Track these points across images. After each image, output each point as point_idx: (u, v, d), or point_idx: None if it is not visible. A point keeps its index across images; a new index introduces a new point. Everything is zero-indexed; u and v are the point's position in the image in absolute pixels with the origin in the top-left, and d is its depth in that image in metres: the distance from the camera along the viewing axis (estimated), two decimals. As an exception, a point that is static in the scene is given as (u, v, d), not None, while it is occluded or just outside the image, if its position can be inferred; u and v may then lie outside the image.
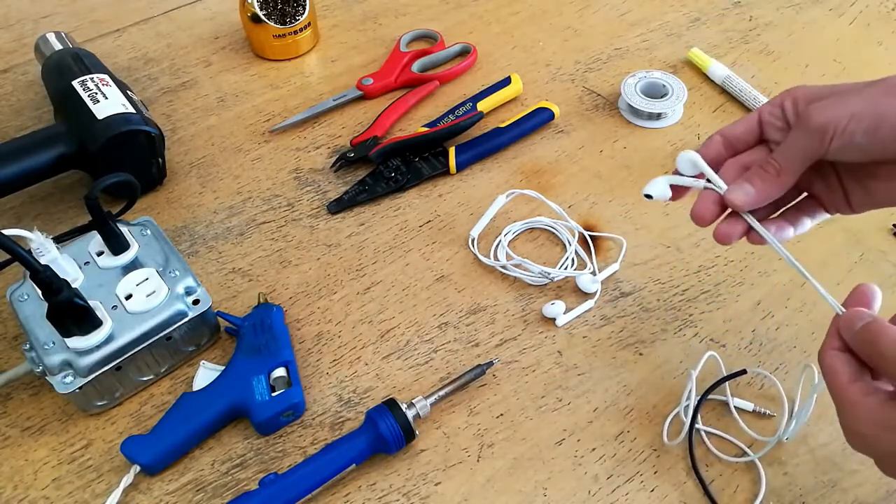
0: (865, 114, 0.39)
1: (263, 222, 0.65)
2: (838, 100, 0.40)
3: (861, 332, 0.39)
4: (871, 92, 0.40)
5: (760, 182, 0.43)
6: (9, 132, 0.73)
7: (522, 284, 0.60)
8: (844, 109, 0.39)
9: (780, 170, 0.42)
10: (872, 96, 0.39)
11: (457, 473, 0.50)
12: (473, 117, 0.70)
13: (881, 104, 0.39)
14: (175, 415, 0.51)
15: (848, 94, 0.40)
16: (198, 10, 0.87)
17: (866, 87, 0.41)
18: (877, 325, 0.39)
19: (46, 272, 0.46)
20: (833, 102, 0.40)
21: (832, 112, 0.40)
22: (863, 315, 0.40)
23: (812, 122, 0.40)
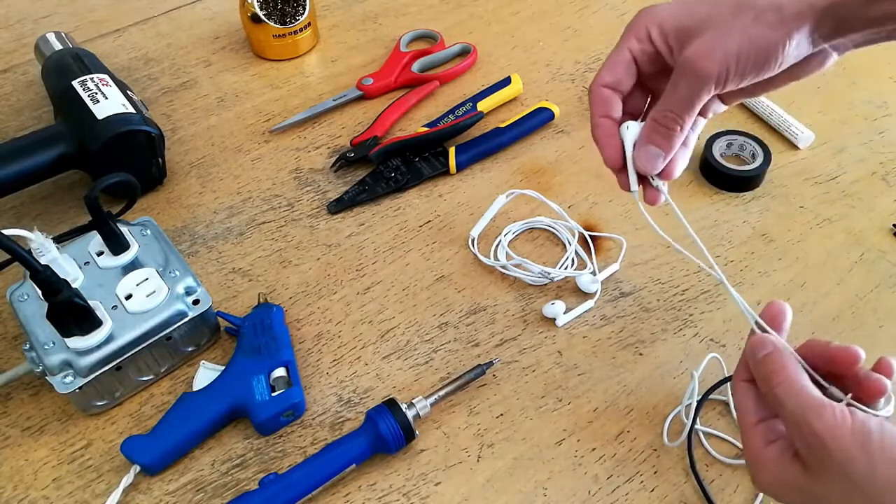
0: (749, 51, 0.39)
1: (263, 222, 0.65)
2: (715, 38, 0.39)
3: (761, 365, 0.38)
4: (743, 24, 0.39)
5: (662, 139, 0.42)
6: (9, 132, 0.73)
7: (522, 284, 0.60)
8: (726, 48, 0.39)
9: (676, 120, 0.41)
10: (748, 28, 0.39)
11: (457, 473, 0.50)
12: (473, 117, 0.70)
13: (760, 37, 0.39)
14: (175, 415, 0.51)
15: (720, 28, 0.39)
16: (198, 10, 0.87)
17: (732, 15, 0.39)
18: (776, 360, 0.37)
19: (46, 272, 0.46)
20: (711, 41, 0.39)
21: (716, 55, 0.39)
22: (765, 343, 0.39)
23: (699, 69, 0.39)
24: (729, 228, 0.63)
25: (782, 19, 0.38)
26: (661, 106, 0.42)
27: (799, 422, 0.35)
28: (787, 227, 0.63)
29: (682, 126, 0.41)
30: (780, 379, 0.36)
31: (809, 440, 0.34)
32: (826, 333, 0.56)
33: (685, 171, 0.67)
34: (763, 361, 0.38)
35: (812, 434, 0.34)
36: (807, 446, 0.35)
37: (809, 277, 0.60)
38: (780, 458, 0.36)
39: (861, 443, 0.33)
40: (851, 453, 0.33)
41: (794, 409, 0.35)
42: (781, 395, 0.36)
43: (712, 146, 0.67)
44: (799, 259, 0.61)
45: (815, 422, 0.34)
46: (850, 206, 0.65)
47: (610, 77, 0.44)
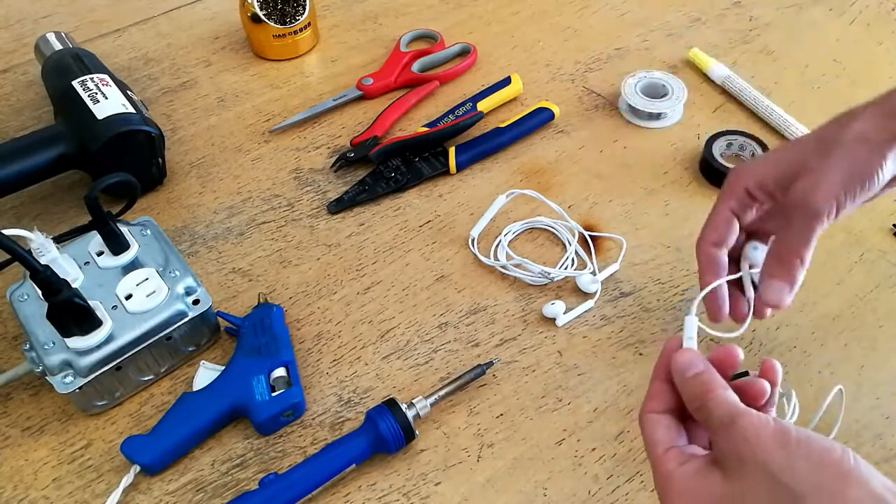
0: (851, 181, 0.43)
1: (263, 222, 0.65)
2: (817, 175, 0.44)
3: (692, 382, 0.39)
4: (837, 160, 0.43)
5: (786, 272, 0.45)
6: (9, 132, 0.73)
7: (522, 284, 0.60)
8: (830, 182, 0.43)
9: (797, 253, 0.45)
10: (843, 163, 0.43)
11: (457, 473, 0.50)
12: (473, 117, 0.70)
13: (856, 168, 0.43)
14: (175, 415, 0.51)
15: (818, 167, 0.44)
16: (198, 10, 0.87)
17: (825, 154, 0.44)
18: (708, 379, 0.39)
19: (46, 272, 0.46)
20: (814, 179, 0.44)
21: (821, 189, 0.43)
22: (695, 363, 0.40)
23: (809, 204, 0.43)
24: (729, 228, 0.63)
25: (873, 149, 0.43)
26: (780, 244, 0.46)
27: (726, 423, 0.36)
28: (787, 227, 0.63)
29: (803, 259, 0.45)
30: (714, 394, 0.38)
31: (734, 437, 0.35)
32: (826, 333, 0.56)
33: (685, 171, 0.68)
34: (695, 379, 0.39)
35: (737, 432, 0.35)
36: (730, 445, 0.36)
37: (809, 277, 0.59)
38: (696, 473, 0.36)
39: (781, 441, 0.34)
40: (771, 449, 0.34)
41: (722, 415, 0.36)
42: (712, 405, 0.37)
43: (712, 146, 0.67)
44: (799, 259, 0.61)
45: (741, 420, 0.35)
46: (850, 206, 0.64)
47: (716, 236, 0.48)
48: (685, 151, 0.70)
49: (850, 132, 0.44)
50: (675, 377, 0.40)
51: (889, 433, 0.51)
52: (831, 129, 0.45)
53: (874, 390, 0.53)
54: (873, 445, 0.50)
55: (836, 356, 0.55)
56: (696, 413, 0.38)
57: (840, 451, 0.33)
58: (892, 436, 0.51)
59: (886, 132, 0.43)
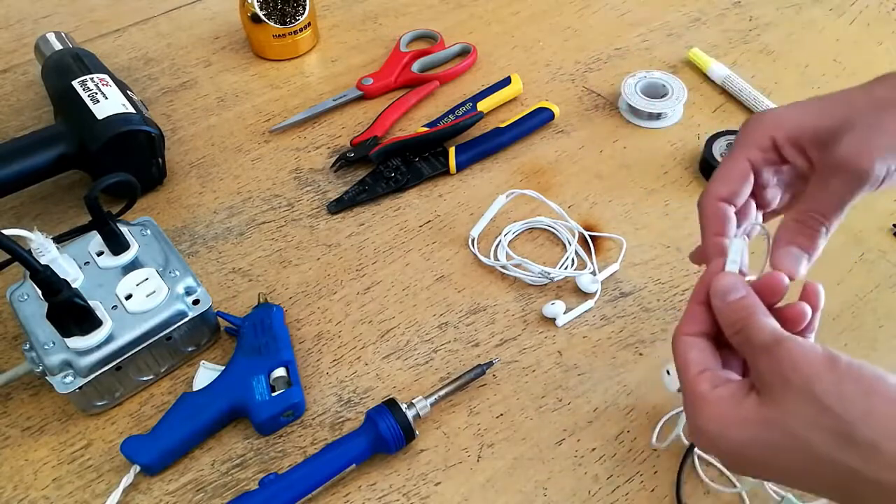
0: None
1: (263, 222, 0.65)
2: (870, 135, 0.37)
3: (733, 307, 0.36)
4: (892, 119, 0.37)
5: (807, 240, 0.39)
6: (9, 132, 0.73)
7: (522, 284, 0.60)
8: (885, 144, 0.36)
9: (823, 221, 0.38)
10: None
11: (457, 473, 0.50)
12: (473, 117, 0.70)
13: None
14: (175, 415, 0.51)
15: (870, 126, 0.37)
16: (198, 10, 0.87)
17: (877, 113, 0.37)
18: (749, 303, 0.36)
19: (46, 272, 0.46)
20: (866, 139, 0.37)
21: (875, 152, 0.36)
22: (737, 286, 0.37)
23: (857, 167, 0.36)
24: (729, 228, 0.63)
25: None
26: (808, 206, 0.38)
27: (770, 346, 0.33)
28: (787, 227, 0.63)
29: (829, 228, 0.38)
30: (755, 319, 0.35)
31: (779, 359, 0.33)
32: (826, 333, 0.56)
33: (685, 171, 0.68)
34: (736, 304, 0.36)
35: (783, 353, 0.33)
36: (773, 370, 0.33)
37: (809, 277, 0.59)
38: (731, 396, 0.34)
39: (829, 364, 0.32)
40: (819, 370, 0.32)
41: (765, 339, 0.34)
42: (753, 330, 0.35)
43: (712, 146, 0.67)
44: (799, 259, 0.61)
45: (787, 342, 0.33)
46: (850, 206, 0.64)
47: (726, 189, 0.40)
48: (685, 151, 0.70)
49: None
50: (714, 300, 0.37)
51: (889, 433, 0.51)
52: (882, 89, 0.38)
53: (874, 390, 0.53)
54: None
55: (836, 356, 0.55)
56: (735, 337, 0.36)
57: (893, 378, 0.31)
58: (892, 436, 0.51)
59: None
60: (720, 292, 0.37)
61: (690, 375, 0.36)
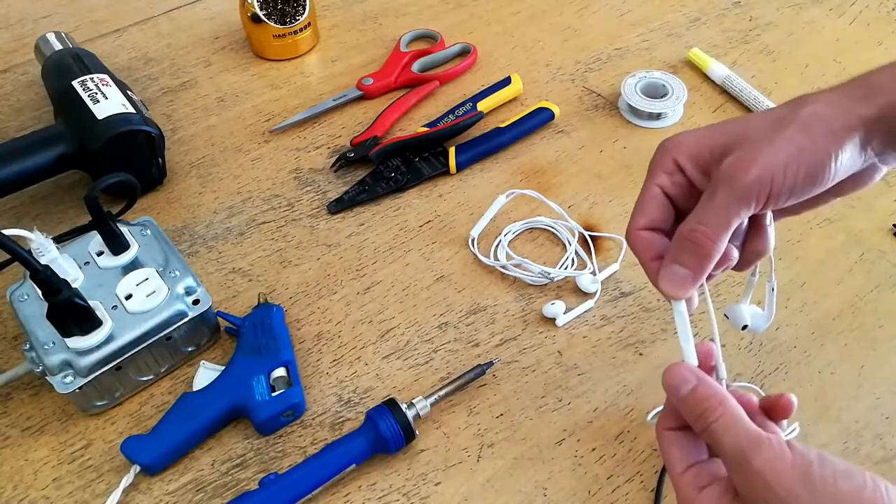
0: (798, 163, 0.36)
1: (263, 222, 0.65)
2: (758, 148, 0.36)
3: (690, 402, 0.35)
4: (788, 134, 0.36)
5: (691, 258, 0.37)
6: (9, 132, 0.73)
7: (522, 284, 0.60)
8: (771, 159, 0.36)
9: (708, 235, 0.37)
10: (794, 138, 0.36)
11: (457, 473, 0.50)
12: (473, 117, 0.70)
13: (808, 148, 0.36)
14: (175, 415, 0.51)
15: (762, 140, 0.37)
16: (198, 10, 0.87)
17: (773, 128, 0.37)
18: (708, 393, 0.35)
19: (46, 272, 0.46)
20: (753, 151, 0.36)
21: (759, 165, 0.36)
22: (686, 377, 0.36)
23: (739, 178, 0.36)
24: (729, 228, 0.63)
25: (831, 130, 0.36)
26: (692, 220, 0.37)
27: (738, 460, 0.33)
28: (786, 226, 0.63)
29: (716, 243, 0.36)
30: (718, 413, 0.34)
31: (750, 479, 0.32)
32: (826, 333, 0.56)
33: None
34: (692, 398, 0.35)
35: (752, 472, 0.32)
36: (748, 485, 0.32)
37: (809, 277, 0.60)
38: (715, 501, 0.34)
39: (803, 478, 0.31)
40: (793, 490, 0.31)
41: (731, 447, 0.33)
42: (719, 431, 0.34)
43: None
44: (799, 259, 0.61)
45: (755, 458, 0.32)
46: (849, 206, 0.64)
47: (644, 219, 0.40)
48: (685, 151, 0.70)
49: (807, 111, 0.37)
50: (669, 398, 0.36)
51: (889, 433, 0.51)
52: (786, 107, 0.38)
53: (874, 390, 0.53)
54: (873, 445, 0.50)
55: (836, 356, 0.55)
56: (704, 437, 0.35)
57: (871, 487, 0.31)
58: (892, 436, 0.51)
59: (849, 116, 0.36)
60: (671, 388, 0.36)
61: (676, 473, 0.36)
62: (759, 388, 0.53)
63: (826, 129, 0.36)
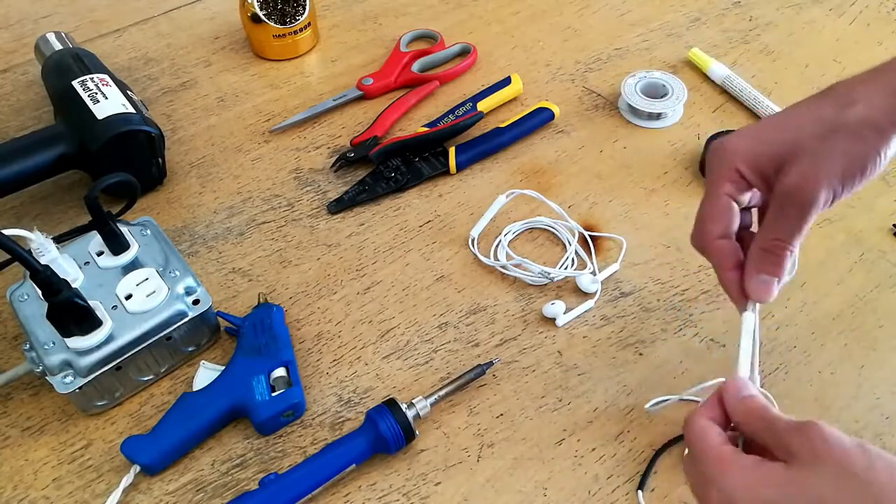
0: (853, 170, 0.39)
1: (263, 222, 0.65)
2: (816, 163, 0.39)
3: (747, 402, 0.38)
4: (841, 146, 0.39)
5: (774, 266, 0.42)
6: (9, 132, 0.73)
7: (522, 284, 0.60)
8: (830, 172, 0.39)
9: (786, 247, 0.41)
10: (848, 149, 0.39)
11: (457, 473, 0.50)
12: (473, 117, 0.70)
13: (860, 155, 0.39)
14: (175, 415, 0.51)
15: (817, 153, 0.40)
16: (198, 10, 0.87)
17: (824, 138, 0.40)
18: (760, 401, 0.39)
19: (46, 272, 0.46)
20: (812, 167, 0.39)
21: (820, 180, 0.39)
22: (748, 386, 0.39)
23: (806, 196, 0.40)
24: (729, 228, 0.63)
25: (880, 132, 0.39)
26: (769, 234, 0.41)
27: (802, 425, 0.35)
28: (787, 227, 0.63)
29: (793, 251, 0.41)
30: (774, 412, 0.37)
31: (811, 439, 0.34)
32: (826, 333, 0.56)
33: (685, 171, 0.68)
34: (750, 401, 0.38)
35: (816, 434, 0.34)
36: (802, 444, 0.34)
37: (809, 277, 0.60)
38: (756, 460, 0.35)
39: (861, 446, 0.33)
40: (850, 449, 0.33)
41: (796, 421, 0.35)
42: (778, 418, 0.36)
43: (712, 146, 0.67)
44: (799, 259, 0.61)
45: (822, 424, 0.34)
46: (850, 206, 0.64)
47: (719, 228, 0.43)
48: (685, 151, 0.70)
49: (853, 114, 0.40)
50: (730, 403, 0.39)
51: (889, 433, 0.51)
52: (829, 107, 0.41)
53: (874, 390, 0.53)
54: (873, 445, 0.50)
55: (836, 356, 0.55)
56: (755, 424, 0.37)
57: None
58: (892, 436, 0.51)
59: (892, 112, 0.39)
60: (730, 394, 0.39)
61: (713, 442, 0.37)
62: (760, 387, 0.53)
63: (876, 133, 0.39)
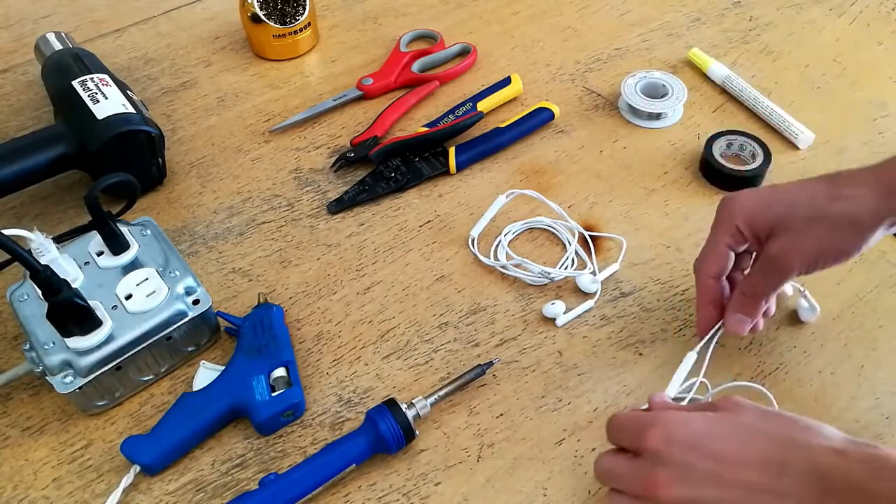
0: (827, 255, 0.47)
1: (263, 222, 0.65)
2: (795, 240, 0.47)
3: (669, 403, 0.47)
4: (819, 233, 0.46)
5: (750, 309, 0.51)
6: (9, 132, 0.73)
7: (522, 284, 0.60)
8: (805, 250, 0.47)
9: (763, 297, 0.50)
10: (824, 238, 0.46)
11: (457, 473, 0.50)
12: (473, 117, 0.70)
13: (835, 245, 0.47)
14: (175, 415, 0.51)
15: (797, 233, 0.47)
16: (198, 10, 0.87)
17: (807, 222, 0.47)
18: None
19: (46, 272, 0.46)
20: (791, 243, 0.47)
21: (795, 254, 0.47)
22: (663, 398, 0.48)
23: (783, 264, 0.48)
24: (729, 228, 0.63)
25: (859, 229, 0.46)
26: (750, 285, 0.50)
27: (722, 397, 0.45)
28: (787, 227, 0.63)
29: (767, 300, 0.50)
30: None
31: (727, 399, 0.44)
32: (826, 333, 0.56)
33: (685, 171, 0.68)
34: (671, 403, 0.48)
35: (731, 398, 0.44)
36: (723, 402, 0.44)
37: (809, 278, 0.60)
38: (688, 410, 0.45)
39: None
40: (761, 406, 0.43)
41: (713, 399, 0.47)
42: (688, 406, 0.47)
43: (712, 146, 0.67)
44: (799, 259, 0.61)
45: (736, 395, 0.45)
46: (850, 206, 0.64)
47: (716, 269, 0.51)
48: (685, 151, 0.70)
49: (839, 207, 0.46)
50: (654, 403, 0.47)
51: (889, 433, 0.51)
52: (822, 194, 0.47)
53: (874, 390, 0.53)
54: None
55: (836, 356, 0.55)
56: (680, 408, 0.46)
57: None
58: (892, 436, 0.51)
59: (880, 211, 0.45)
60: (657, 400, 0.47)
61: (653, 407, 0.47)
62: (760, 386, 0.53)
63: (853, 228, 0.46)
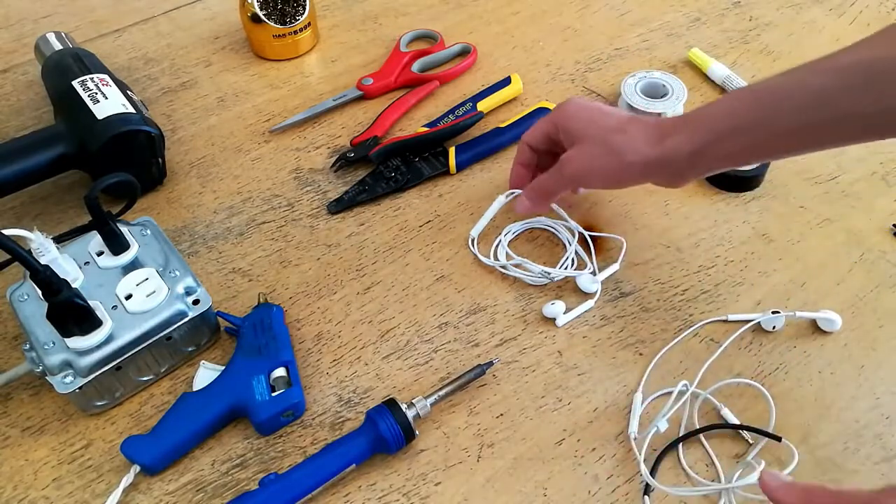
0: (594, 171, 0.54)
1: (263, 222, 0.65)
2: (581, 155, 0.55)
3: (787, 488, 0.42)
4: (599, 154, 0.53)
5: (532, 203, 0.60)
6: (9, 132, 0.73)
7: (522, 284, 0.60)
8: (581, 163, 0.55)
9: (547, 193, 0.59)
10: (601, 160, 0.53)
11: (457, 473, 0.50)
12: (473, 117, 0.70)
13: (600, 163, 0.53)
14: (175, 415, 0.51)
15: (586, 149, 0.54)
16: (198, 10, 0.87)
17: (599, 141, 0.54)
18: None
19: (46, 272, 0.46)
20: (578, 155, 0.55)
21: (575, 163, 0.55)
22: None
23: (566, 171, 0.56)
24: (729, 229, 0.63)
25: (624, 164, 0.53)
26: (541, 179, 0.59)
27: None
28: (787, 227, 0.63)
29: (550, 197, 0.60)
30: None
31: None
32: (826, 333, 0.56)
33: (685, 170, 0.68)
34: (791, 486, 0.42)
35: None
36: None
37: (809, 277, 0.60)
38: None
39: None
40: None
41: None
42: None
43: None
44: (799, 259, 0.61)
45: None
46: (850, 206, 0.65)
47: (533, 140, 0.60)
48: (685, 151, 0.70)
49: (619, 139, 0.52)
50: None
51: (889, 433, 0.51)
52: (616, 123, 0.54)
53: (874, 390, 0.53)
54: (873, 445, 0.50)
55: (836, 356, 0.55)
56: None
57: None
58: (892, 436, 0.51)
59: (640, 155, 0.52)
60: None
61: None
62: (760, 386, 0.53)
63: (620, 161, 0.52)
